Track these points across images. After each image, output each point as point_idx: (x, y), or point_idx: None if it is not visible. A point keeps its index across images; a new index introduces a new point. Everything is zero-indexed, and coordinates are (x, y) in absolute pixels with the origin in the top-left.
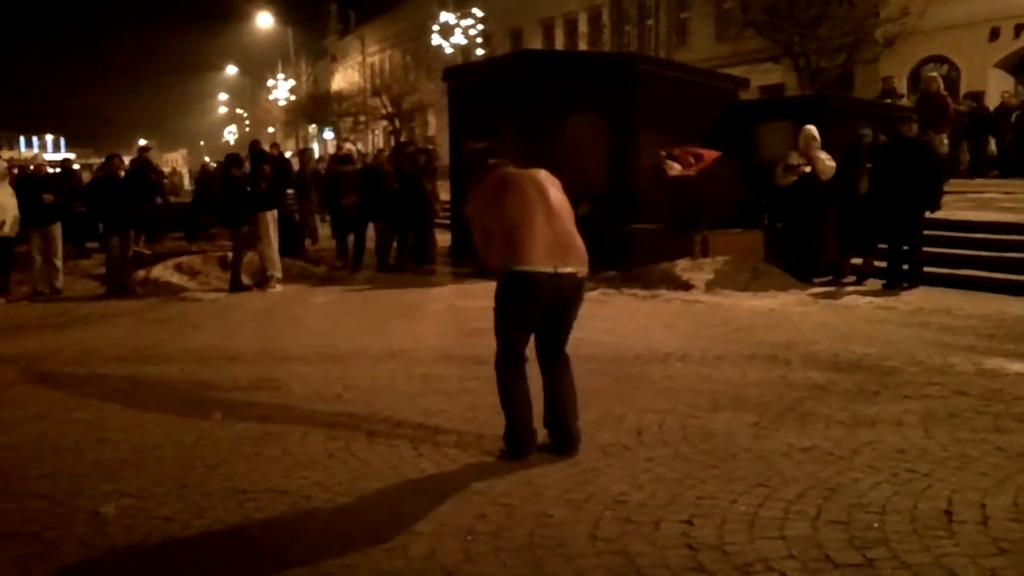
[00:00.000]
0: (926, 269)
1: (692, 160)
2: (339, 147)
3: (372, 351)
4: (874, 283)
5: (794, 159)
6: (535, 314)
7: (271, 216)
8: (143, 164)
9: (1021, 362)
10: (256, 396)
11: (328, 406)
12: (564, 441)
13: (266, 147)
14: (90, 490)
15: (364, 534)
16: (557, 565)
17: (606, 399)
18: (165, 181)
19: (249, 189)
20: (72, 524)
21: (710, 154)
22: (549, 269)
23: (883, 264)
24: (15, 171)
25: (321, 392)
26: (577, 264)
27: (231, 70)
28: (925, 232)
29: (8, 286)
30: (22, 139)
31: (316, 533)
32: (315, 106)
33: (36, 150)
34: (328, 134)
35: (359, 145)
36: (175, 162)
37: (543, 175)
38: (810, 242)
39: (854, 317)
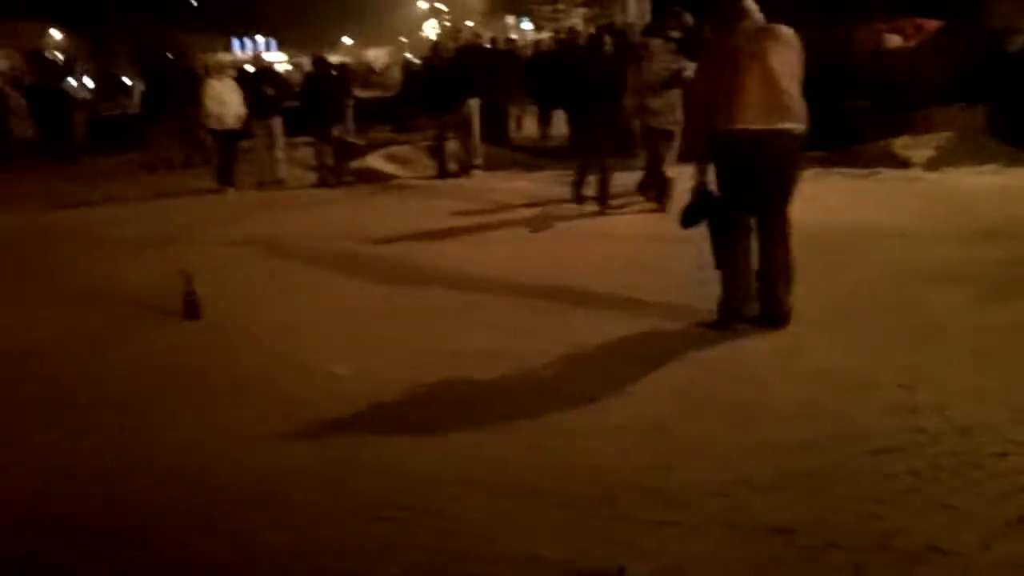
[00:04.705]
0: None
1: (912, 31)
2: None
3: (578, 230)
4: None
5: None
6: (748, 174)
7: (474, 104)
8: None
9: None
10: (467, 271)
11: (537, 279)
12: (773, 314)
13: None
14: (323, 354)
15: (578, 394)
16: (768, 423)
17: (818, 274)
18: (375, 78)
19: (453, 78)
20: (311, 382)
21: (931, 24)
22: (760, 126)
23: None
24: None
25: (530, 267)
26: (792, 121)
27: None
28: None
29: (234, 177)
30: (236, 42)
31: (532, 392)
32: None
33: (251, 52)
34: (526, 24)
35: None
36: (382, 58)
37: (770, 35)
38: None
39: None
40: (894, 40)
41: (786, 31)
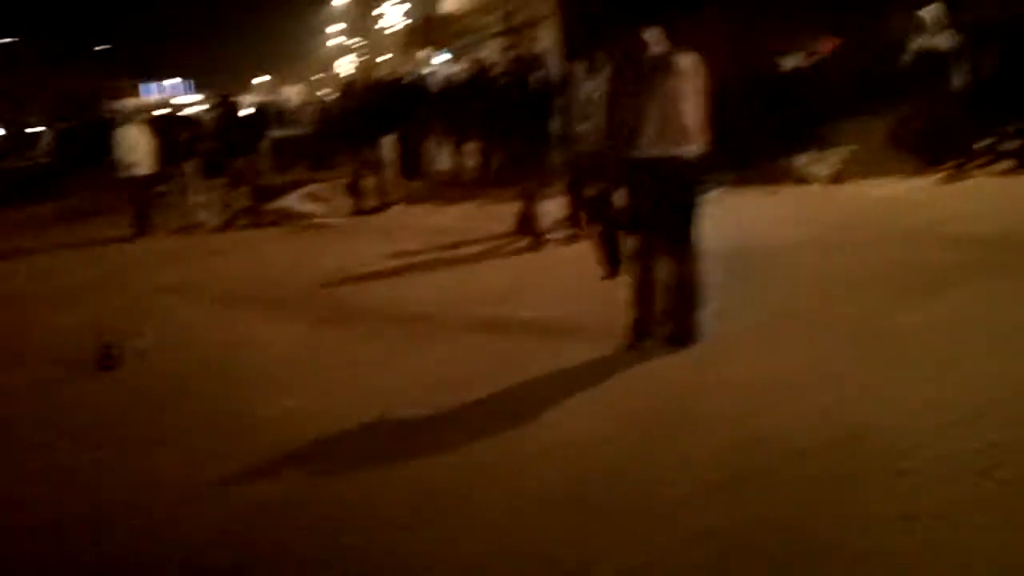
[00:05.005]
0: None
1: (815, 48)
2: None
3: (499, 256)
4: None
5: (920, 37)
6: (650, 197)
7: (389, 140)
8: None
9: None
10: (395, 306)
11: (464, 309)
12: (682, 332)
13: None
14: (259, 395)
15: (520, 414)
16: (693, 435)
17: (734, 290)
18: (290, 116)
19: (368, 114)
20: (260, 421)
21: (831, 42)
22: (656, 153)
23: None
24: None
25: (457, 296)
26: (687, 147)
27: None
28: None
29: (150, 223)
30: (151, 86)
31: (480, 417)
32: (430, 28)
33: (162, 95)
34: (443, 56)
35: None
36: (298, 96)
37: (667, 65)
38: (937, 123)
39: (982, 196)
40: (789, 62)
41: (684, 59)
